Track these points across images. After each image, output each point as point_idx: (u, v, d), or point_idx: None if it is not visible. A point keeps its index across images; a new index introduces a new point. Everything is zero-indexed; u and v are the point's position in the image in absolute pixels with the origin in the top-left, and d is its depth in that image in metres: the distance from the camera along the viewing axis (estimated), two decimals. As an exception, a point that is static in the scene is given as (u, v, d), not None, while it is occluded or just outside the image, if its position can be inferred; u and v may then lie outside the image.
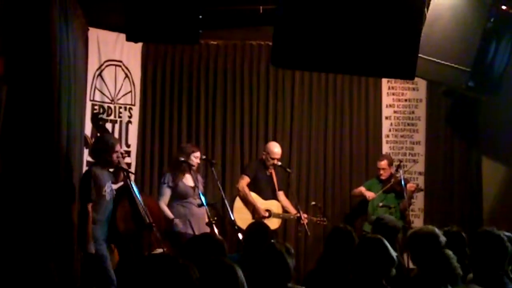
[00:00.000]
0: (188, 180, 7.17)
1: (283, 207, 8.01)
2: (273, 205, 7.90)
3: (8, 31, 5.26)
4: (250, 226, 5.71)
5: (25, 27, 5.36)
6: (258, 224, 5.88)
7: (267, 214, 7.75)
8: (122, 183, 6.72)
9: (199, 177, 7.35)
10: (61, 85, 5.97)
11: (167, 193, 7.11)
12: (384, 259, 4.12)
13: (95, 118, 7.15)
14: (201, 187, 7.19)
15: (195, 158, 7.16)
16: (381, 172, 8.31)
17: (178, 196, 7.11)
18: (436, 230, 4.43)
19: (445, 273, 4.12)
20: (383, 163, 8.33)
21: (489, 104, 8.21)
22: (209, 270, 3.09)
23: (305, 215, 7.71)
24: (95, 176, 6.19)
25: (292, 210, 7.95)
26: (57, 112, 5.85)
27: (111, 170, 6.53)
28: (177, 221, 6.97)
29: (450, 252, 4.28)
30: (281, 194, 8.08)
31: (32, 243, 5.24)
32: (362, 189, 8.44)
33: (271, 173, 7.99)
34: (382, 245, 4.16)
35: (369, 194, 8.27)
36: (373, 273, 4.09)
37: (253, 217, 7.68)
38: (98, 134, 7.01)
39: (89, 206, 6.11)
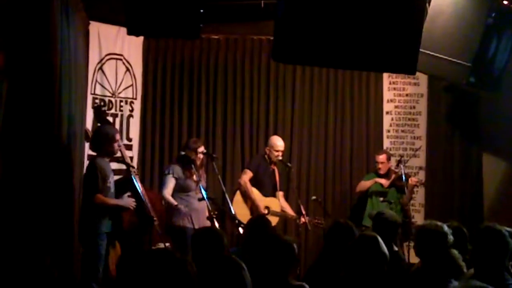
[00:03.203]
0: (192, 174, 7.16)
1: (281, 208, 8.00)
2: (273, 203, 7.89)
3: (9, 25, 5.25)
4: (252, 219, 5.71)
5: (26, 21, 5.34)
6: (259, 218, 5.87)
7: (266, 211, 7.73)
8: (122, 176, 6.72)
9: (202, 172, 7.36)
10: (62, 78, 5.96)
11: (171, 183, 7.11)
12: (377, 257, 4.10)
13: (98, 111, 7.07)
14: (203, 182, 7.19)
15: (200, 153, 7.18)
16: (380, 166, 8.30)
17: (180, 189, 7.11)
18: (445, 228, 4.43)
19: (450, 270, 4.12)
20: (382, 157, 8.32)
21: (490, 100, 8.20)
22: (216, 267, 3.09)
23: (304, 217, 7.64)
24: (100, 167, 6.16)
25: (290, 212, 7.96)
26: (57, 106, 5.84)
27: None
28: (180, 206, 6.94)
29: (455, 252, 4.28)
30: (280, 195, 8.06)
31: (31, 239, 5.24)
32: (368, 182, 8.40)
33: (273, 169, 7.99)
34: (376, 243, 4.15)
35: (383, 181, 8.24)
36: (366, 270, 4.08)
37: (251, 213, 7.67)
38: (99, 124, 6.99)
39: (98, 196, 6.10)
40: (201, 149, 7.25)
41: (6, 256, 4.98)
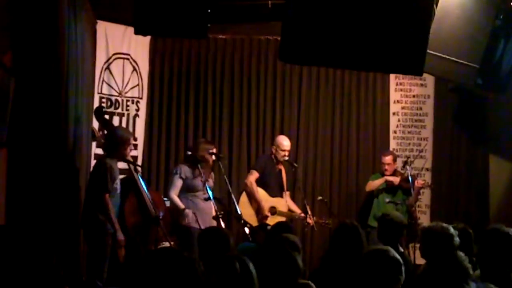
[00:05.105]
0: (200, 173, 7.14)
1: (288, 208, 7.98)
2: (279, 203, 7.86)
3: (17, 24, 5.27)
4: (278, 224, 5.73)
5: (34, 20, 5.35)
6: (285, 224, 5.87)
7: (269, 214, 7.70)
8: (126, 175, 6.72)
9: (210, 172, 7.34)
10: (69, 77, 5.97)
11: (179, 184, 7.06)
12: (391, 272, 4.00)
13: (99, 111, 6.94)
14: (211, 182, 7.16)
15: (211, 154, 7.13)
16: (386, 167, 8.26)
17: (187, 189, 7.07)
18: (452, 230, 4.41)
19: (457, 273, 4.10)
20: (388, 159, 8.29)
21: (497, 101, 8.19)
22: (222, 265, 3.09)
23: (310, 218, 7.62)
24: (110, 167, 6.14)
25: (297, 211, 7.92)
26: (64, 105, 5.85)
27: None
28: (187, 211, 6.92)
29: (461, 254, 4.26)
30: (287, 195, 8.04)
31: (38, 238, 5.25)
32: (377, 181, 8.36)
33: (280, 169, 7.97)
34: (388, 256, 4.04)
35: (394, 179, 8.22)
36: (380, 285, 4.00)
37: (257, 215, 7.67)
38: (106, 128, 6.97)
39: (107, 196, 6.08)
40: (213, 150, 7.20)
41: (13, 254, 4.99)
